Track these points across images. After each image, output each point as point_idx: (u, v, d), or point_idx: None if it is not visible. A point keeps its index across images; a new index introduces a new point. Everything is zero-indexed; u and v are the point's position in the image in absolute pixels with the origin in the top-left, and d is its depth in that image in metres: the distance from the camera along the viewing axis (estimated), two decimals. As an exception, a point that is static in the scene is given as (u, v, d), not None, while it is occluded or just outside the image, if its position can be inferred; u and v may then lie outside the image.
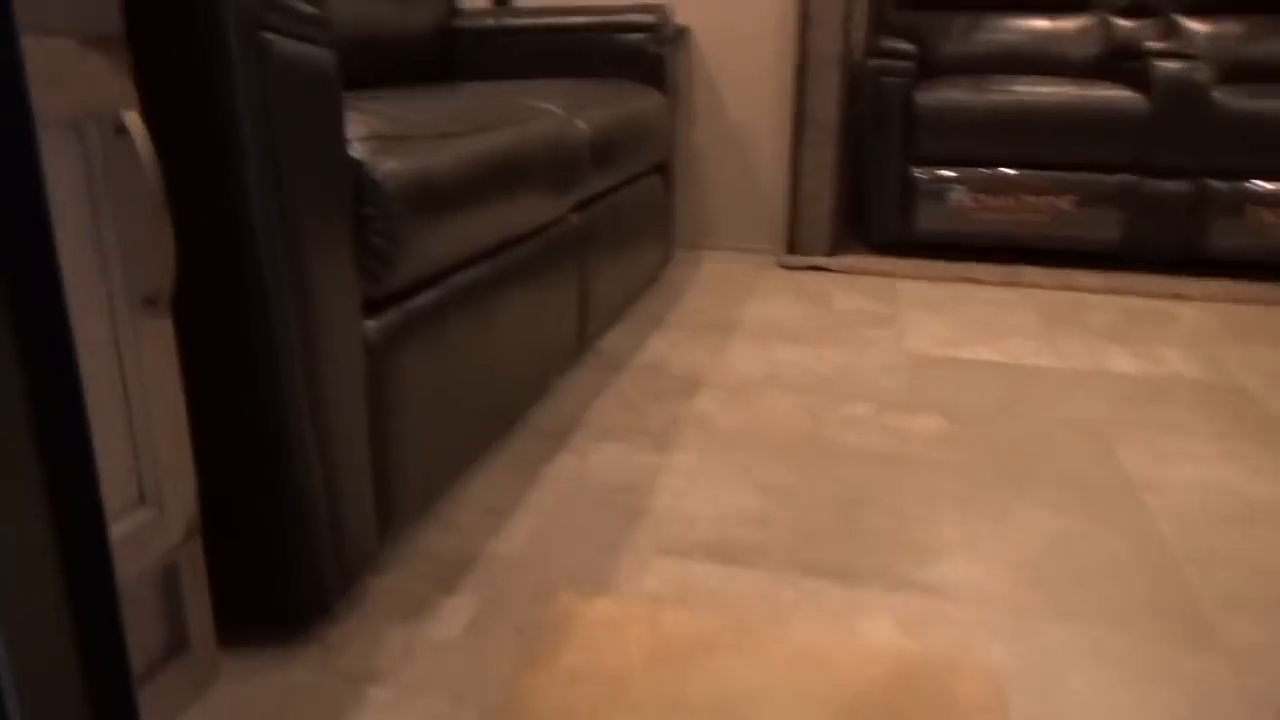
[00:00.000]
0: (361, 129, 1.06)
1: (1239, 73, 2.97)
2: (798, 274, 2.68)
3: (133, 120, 0.75)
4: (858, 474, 1.44)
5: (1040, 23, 3.13)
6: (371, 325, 1.05)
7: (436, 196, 1.13)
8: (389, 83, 2.22)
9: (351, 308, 1.00)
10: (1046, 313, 2.31)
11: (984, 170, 2.72)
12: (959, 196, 2.74)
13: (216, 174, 0.84)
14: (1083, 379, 1.85)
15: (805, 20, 2.62)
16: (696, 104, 2.83)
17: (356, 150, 1.02)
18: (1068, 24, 3.12)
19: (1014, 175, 2.71)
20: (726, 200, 2.91)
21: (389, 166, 1.04)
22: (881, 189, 2.80)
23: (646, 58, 2.35)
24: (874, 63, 2.74)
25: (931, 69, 3.13)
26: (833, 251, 2.80)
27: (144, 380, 0.80)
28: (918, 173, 2.76)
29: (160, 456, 0.83)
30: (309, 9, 0.88)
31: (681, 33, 2.68)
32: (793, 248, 2.81)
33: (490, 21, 2.42)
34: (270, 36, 0.83)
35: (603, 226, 1.90)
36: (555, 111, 1.70)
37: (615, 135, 1.89)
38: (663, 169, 2.39)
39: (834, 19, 2.59)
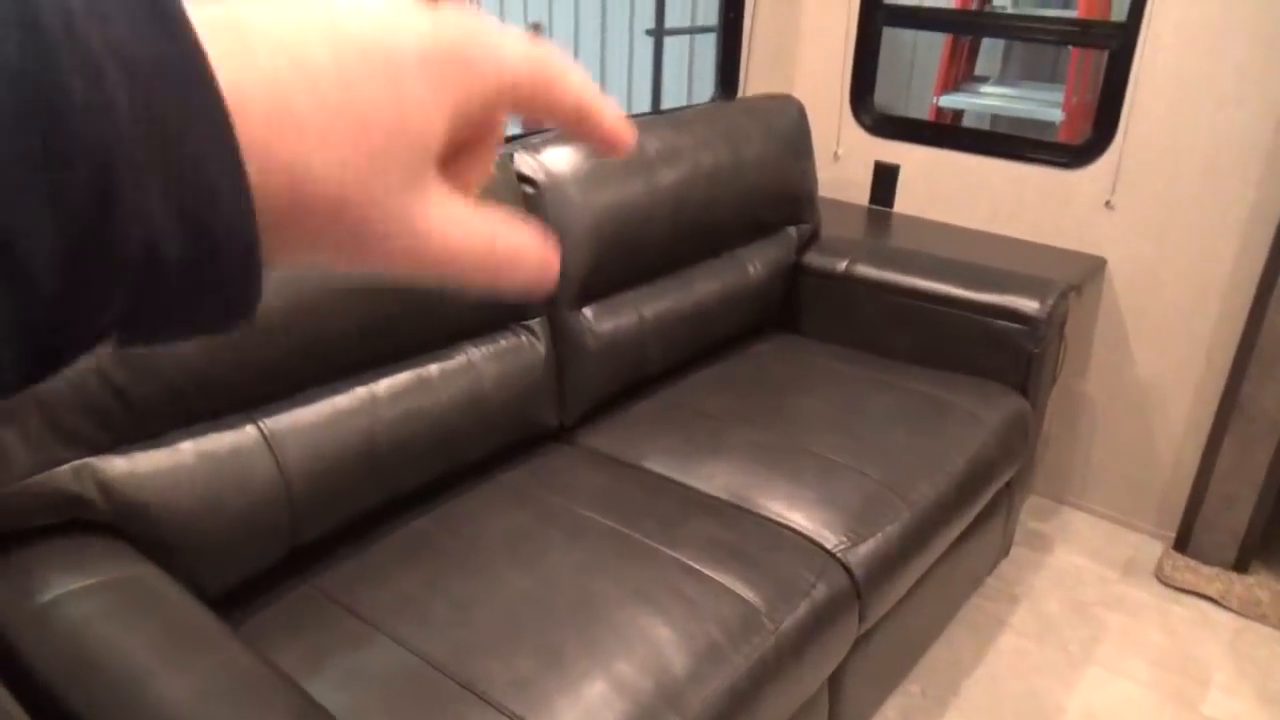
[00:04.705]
0: None
1: None
2: (1176, 602, 2.09)
3: None
4: None
5: None
6: None
7: None
8: (730, 340, 2.00)
9: None
10: None
11: None
12: None
13: None
14: None
15: (1266, 287, 1.93)
16: (1094, 346, 2.26)
17: None
18: None
19: None
20: (1106, 459, 2.33)
21: None
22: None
23: (1016, 354, 1.87)
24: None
25: None
26: (1240, 565, 2.14)
27: None
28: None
29: None
30: None
31: (1074, 291, 2.11)
32: (1183, 542, 2.19)
33: (840, 266, 2.06)
34: None
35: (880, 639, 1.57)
36: (813, 544, 1.39)
37: (921, 538, 1.53)
38: (1012, 481, 1.93)
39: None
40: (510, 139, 1.67)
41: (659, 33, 2.63)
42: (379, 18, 0.23)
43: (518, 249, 0.27)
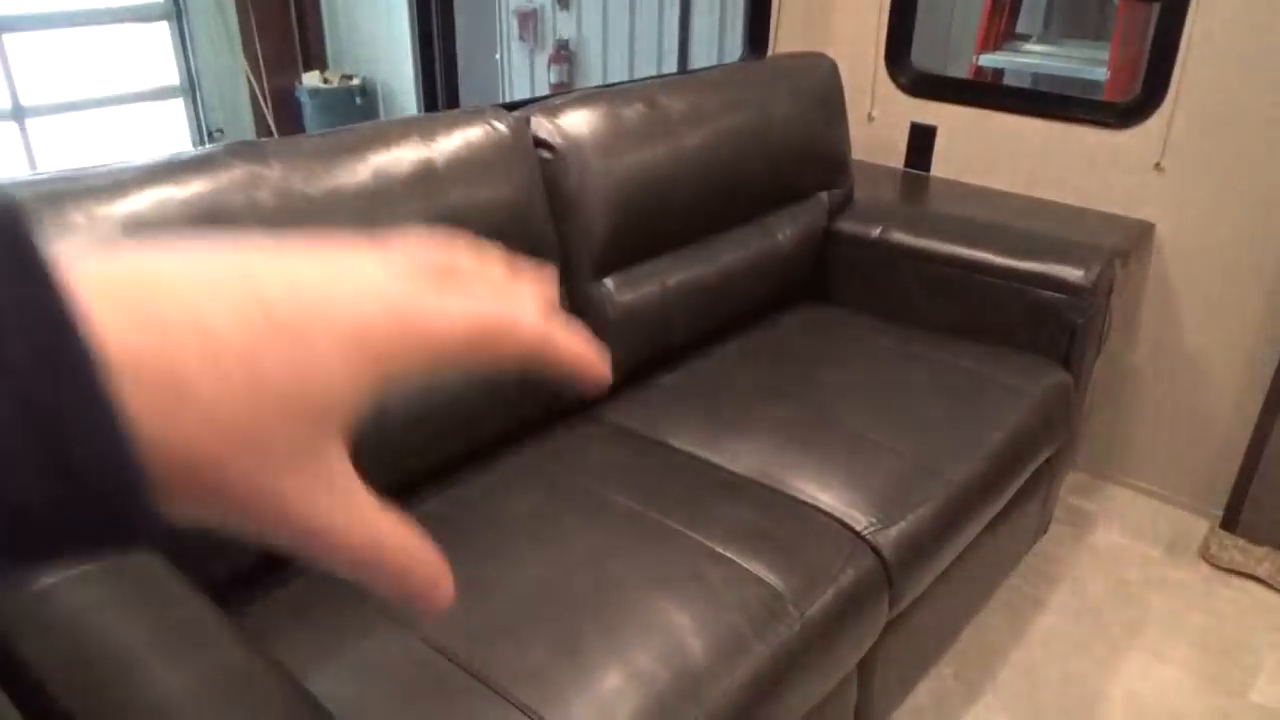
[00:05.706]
0: None
1: None
2: (1223, 583, 2.01)
3: None
4: None
5: None
6: None
7: None
8: (758, 311, 1.93)
9: None
10: None
11: None
12: None
13: None
14: None
15: (1329, 254, 1.82)
16: (1141, 315, 2.16)
17: None
18: None
19: None
20: (1151, 434, 2.24)
21: None
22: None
23: (1060, 325, 1.78)
24: None
25: None
26: (1292, 545, 2.05)
27: None
28: None
29: None
30: None
31: (1132, 248, 2.01)
32: (1231, 520, 2.10)
33: (874, 233, 1.98)
34: None
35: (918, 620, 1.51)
36: (842, 525, 1.33)
37: (957, 522, 1.46)
38: (1053, 458, 1.85)
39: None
40: (526, 101, 1.60)
41: (685, -11, 2.53)
42: (299, 286, 0.23)
43: (408, 562, 0.26)
